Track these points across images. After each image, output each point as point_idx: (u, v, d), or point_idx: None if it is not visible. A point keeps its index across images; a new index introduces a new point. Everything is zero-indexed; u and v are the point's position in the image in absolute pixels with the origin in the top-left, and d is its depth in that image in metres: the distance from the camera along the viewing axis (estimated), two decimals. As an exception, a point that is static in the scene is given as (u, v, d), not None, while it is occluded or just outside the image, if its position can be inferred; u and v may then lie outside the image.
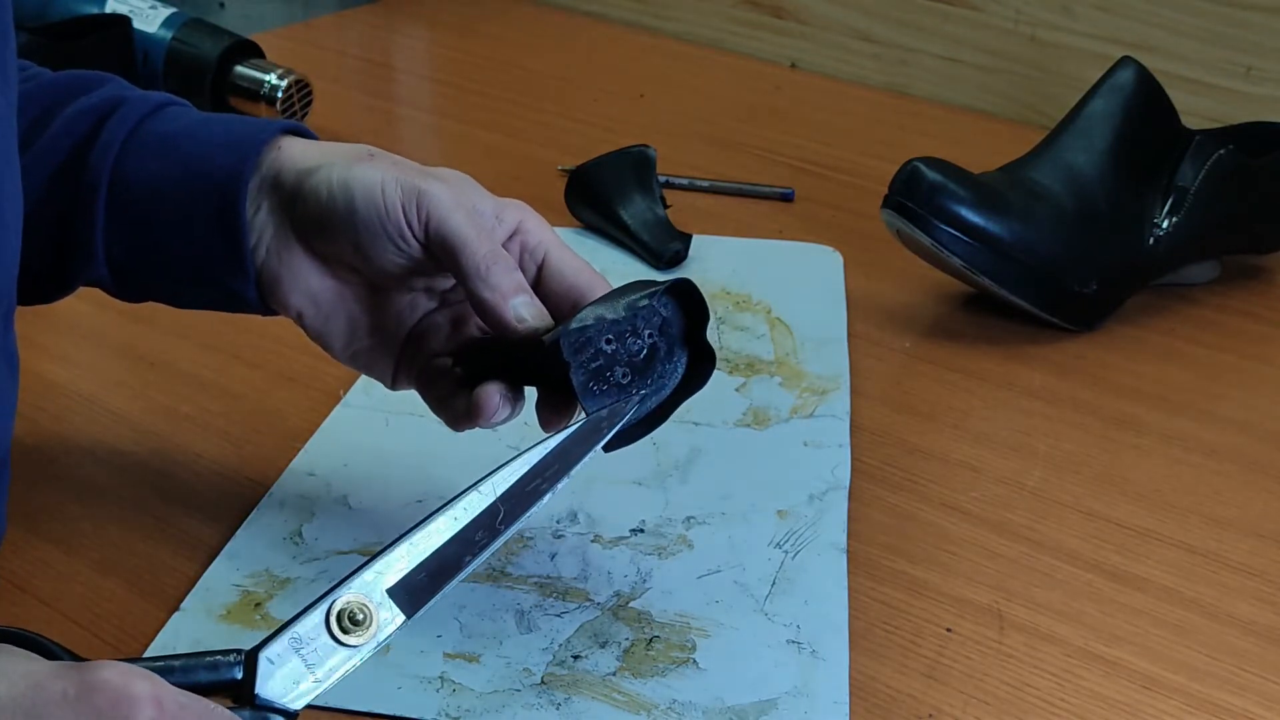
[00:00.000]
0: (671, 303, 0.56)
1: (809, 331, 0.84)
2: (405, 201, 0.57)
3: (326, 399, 0.76)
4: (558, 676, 0.57)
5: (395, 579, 0.49)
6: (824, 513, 0.68)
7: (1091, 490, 0.72)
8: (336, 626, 0.47)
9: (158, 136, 0.62)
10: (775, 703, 0.56)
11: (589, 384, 0.54)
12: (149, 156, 0.61)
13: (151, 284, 0.64)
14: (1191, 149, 0.87)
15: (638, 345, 0.55)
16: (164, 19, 1.12)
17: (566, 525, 0.66)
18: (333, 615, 0.47)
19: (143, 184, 0.61)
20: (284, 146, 0.61)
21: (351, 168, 0.58)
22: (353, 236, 0.58)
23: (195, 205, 0.60)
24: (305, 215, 0.59)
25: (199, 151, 0.61)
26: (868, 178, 1.05)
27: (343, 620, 0.47)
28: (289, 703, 0.46)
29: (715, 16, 1.38)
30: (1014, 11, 1.20)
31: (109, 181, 0.61)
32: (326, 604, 0.47)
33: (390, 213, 0.57)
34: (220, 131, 0.62)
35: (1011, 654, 0.60)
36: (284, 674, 0.46)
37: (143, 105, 0.63)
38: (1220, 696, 0.59)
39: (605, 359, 0.54)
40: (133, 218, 0.61)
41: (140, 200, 0.61)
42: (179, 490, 0.69)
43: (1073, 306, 0.86)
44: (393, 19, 1.45)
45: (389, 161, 0.59)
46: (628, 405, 0.55)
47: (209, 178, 0.60)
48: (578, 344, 0.54)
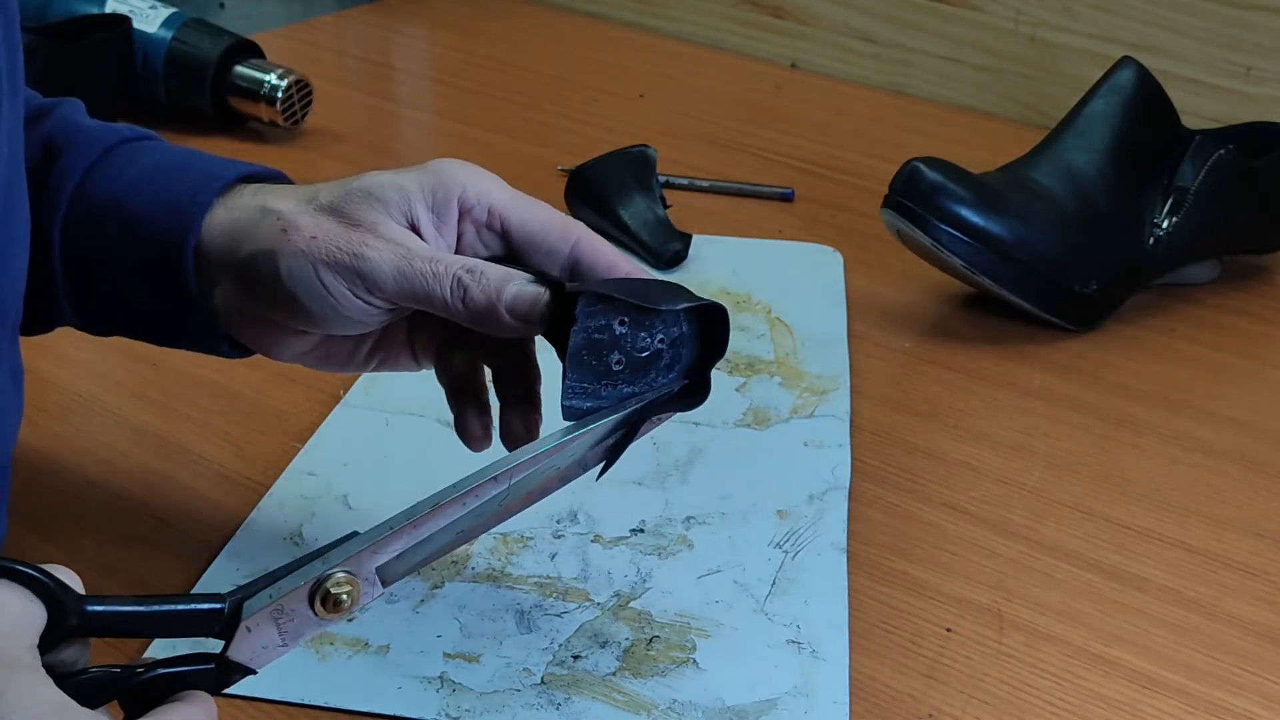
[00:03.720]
0: (698, 323, 0.54)
1: (809, 331, 0.84)
2: (352, 287, 0.53)
3: (326, 399, 0.76)
4: (558, 676, 0.57)
5: (387, 559, 0.48)
6: (824, 513, 0.68)
7: (1091, 490, 0.72)
8: (320, 605, 0.47)
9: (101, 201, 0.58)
10: (775, 703, 0.56)
11: (582, 352, 0.52)
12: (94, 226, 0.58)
13: (128, 335, 0.62)
14: (1191, 149, 0.87)
15: (646, 343, 0.53)
16: (164, 19, 1.12)
17: (566, 525, 0.66)
18: (319, 594, 0.47)
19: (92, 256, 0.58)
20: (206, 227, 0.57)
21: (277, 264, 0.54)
22: (320, 325, 0.55)
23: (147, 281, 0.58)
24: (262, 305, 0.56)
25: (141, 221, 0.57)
26: (868, 178, 1.05)
27: (328, 601, 0.47)
28: (253, 662, 0.47)
29: (715, 16, 1.38)
30: (1014, 11, 1.20)
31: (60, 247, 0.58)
32: (315, 578, 0.47)
33: (343, 302, 0.53)
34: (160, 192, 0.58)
35: (1011, 654, 0.60)
36: (257, 640, 0.46)
37: (87, 152, 0.59)
38: (1220, 696, 0.59)
39: (609, 338, 0.52)
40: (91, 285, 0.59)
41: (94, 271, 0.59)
42: (179, 490, 0.69)
43: (1073, 306, 0.86)
44: (393, 19, 1.45)
45: (305, 236, 0.54)
46: (611, 404, 0.53)
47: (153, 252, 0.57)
48: (593, 309, 0.51)
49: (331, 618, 0.47)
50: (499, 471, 0.50)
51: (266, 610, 0.46)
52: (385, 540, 0.48)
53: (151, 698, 0.45)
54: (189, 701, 0.45)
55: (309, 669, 0.57)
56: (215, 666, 0.46)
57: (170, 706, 0.44)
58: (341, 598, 0.47)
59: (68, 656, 0.44)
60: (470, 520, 0.50)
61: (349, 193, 0.55)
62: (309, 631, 0.47)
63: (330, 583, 0.47)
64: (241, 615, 0.46)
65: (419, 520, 0.48)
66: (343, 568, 0.47)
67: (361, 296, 0.53)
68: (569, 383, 0.52)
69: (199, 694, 0.45)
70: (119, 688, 0.45)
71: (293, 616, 0.47)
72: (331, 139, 1.13)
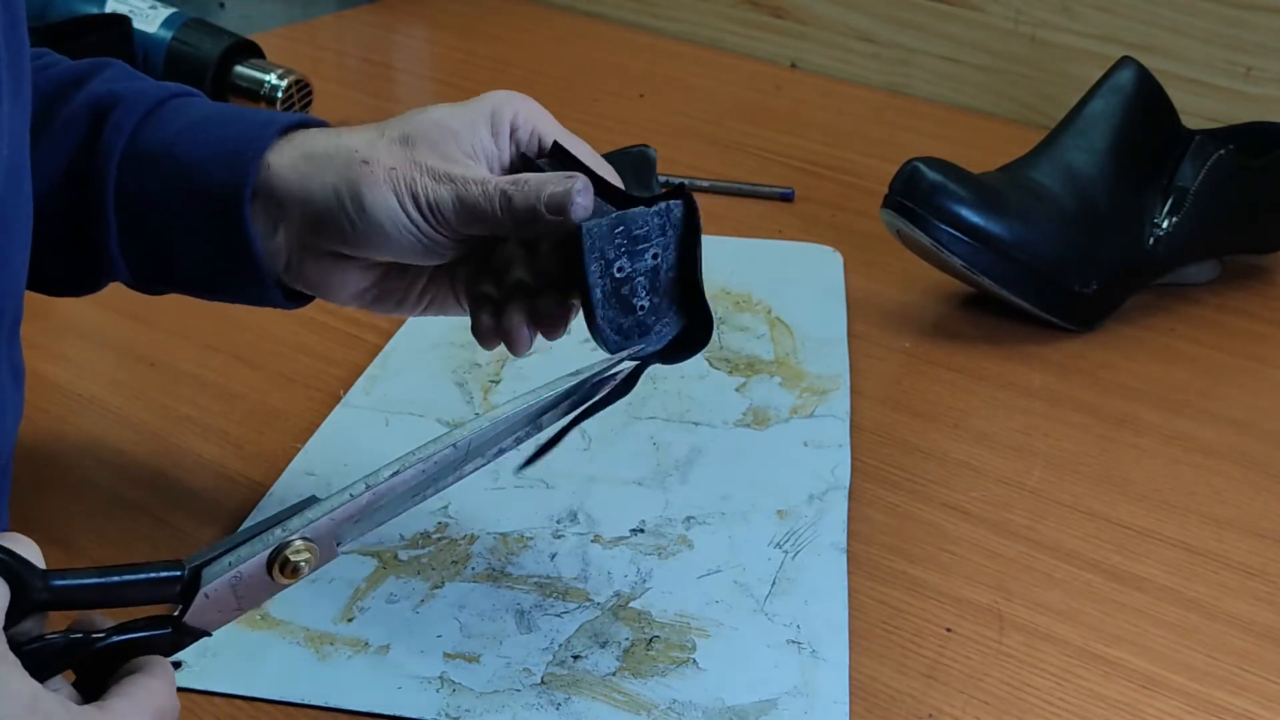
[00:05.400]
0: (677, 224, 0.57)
1: (809, 331, 0.84)
2: (427, 218, 0.57)
3: (326, 399, 0.76)
4: (558, 676, 0.57)
5: (344, 520, 0.49)
6: (824, 513, 0.68)
7: (1091, 490, 0.72)
8: (278, 570, 0.47)
9: (155, 147, 0.60)
10: (775, 703, 0.56)
11: (598, 280, 0.55)
12: (149, 171, 0.60)
13: (175, 289, 0.64)
14: (1191, 149, 0.87)
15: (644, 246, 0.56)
16: (164, 19, 1.12)
17: (566, 525, 0.66)
18: (277, 560, 0.47)
19: (148, 202, 0.60)
20: (273, 164, 0.59)
21: (361, 194, 0.57)
22: (396, 254, 0.58)
23: (203, 227, 0.60)
24: (333, 238, 0.59)
25: (195, 167, 0.60)
26: (868, 178, 1.05)
27: (286, 568, 0.47)
28: (208, 626, 0.47)
29: (715, 16, 1.38)
30: (1014, 11, 1.20)
31: (115, 196, 0.60)
32: (274, 545, 0.47)
33: (424, 233, 0.57)
34: (214, 140, 0.60)
35: (1011, 654, 0.60)
36: (214, 605, 0.46)
37: (138, 105, 0.61)
38: (1220, 696, 0.59)
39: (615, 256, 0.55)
40: (145, 234, 0.61)
41: (149, 219, 0.61)
42: (179, 490, 0.69)
43: (1073, 306, 0.86)
44: (393, 19, 1.45)
45: (385, 167, 0.57)
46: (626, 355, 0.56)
47: (210, 199, 0.59)
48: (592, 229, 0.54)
49: (288, 582, 0.47)
50: (456, 439, 0.50)
51: (226, 578, 0.46)
52: (345, 506, 0.48)
53: (107, 664, 0.45)
54: (148, 670, 0.45)
55: (309, 669, 0.57)
56: (170, 631, 0.46)
57: (132, 679, 0.44)
58: (300, 565, 0.47)
59: (24, 628, 0.44)
60: (427, 484, 0.51)
61: (418, 127, 0.59)
62: (265, 595, 0.48)
63: (290, 550, 0.47)
64: (201, 582, 0.46)
65: (377, 487, 0.49)
66: (301, 534, 0.47)
67: (436, 227, 0.57)
68: (601, 316, 0.55)
69: (156, 659, 0.45)
70: (74, 655, 0.44)
71: (251, 582, 0.47)
72: (331, 139, 1.13)
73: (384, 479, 0.49)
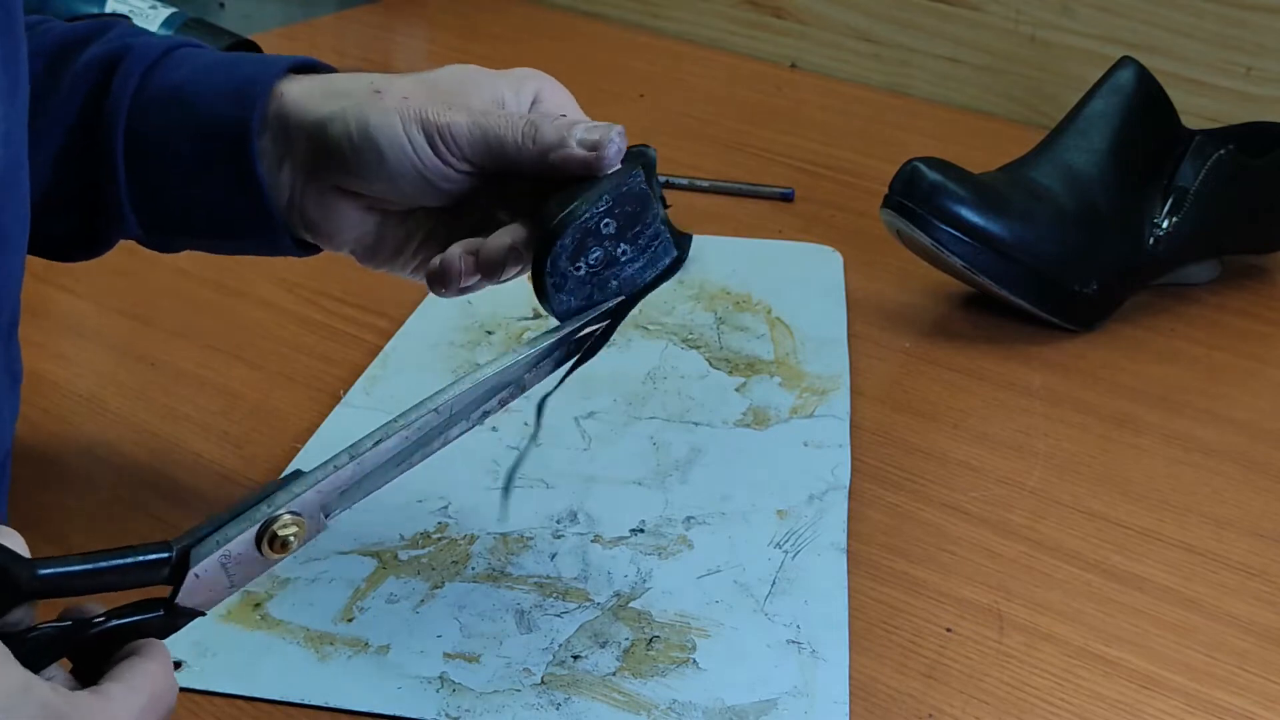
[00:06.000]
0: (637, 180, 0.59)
1: (809, 331, 0.84)
2: (433, 143, 0.57)
3: (326, 399, 0.76)
4: (558, 676, 0.57)
5: (331, 496, 0.49)
6: (824, 513, 0.68)
7: (1091, 490, 0.72)
8: (267, 546, 0.47)
9: (164, 90, 0.60)
10: (775, 703, 0.56)
11: (561, 256, 0.55)
12: (157, 112, 0.60)
13: (185, 240, 0.64)
14: (1191, 149, 0.87)
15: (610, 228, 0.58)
16: (164, 19, 1.12)
17: (566, 525, 0.66)
18: (265, 536, 0.47)
19: (156, 143, 0.60)
20: (285, 93, 0.60)
21: (367, 117, 0.57)
22: (392, 185, 0.58)
23: (210, 165, 0.60)
24: (334, 168, 0.59)
25: (203, 105, 0.60)
26: (868, 178, 1.05)
27: (275, 543, 0.47)
28: (201, 606, 0.47)
29: (715, 16, 1.38)
30: (1014, 11, 1.20)
31: (124, 141, 0.60)
32: (261, 521, 0.47)
33: (425, 160, 0.57)
34: (222, 79, 0.60)
35: (1011, 654, 0.60)
36: (205, 584, 0.46)
37: (147, 54, 0.61)
38: (1220, 696, 0.59)
39: (587, 237, 0.56)
40: (154, 178, 0.61)
41: (157, 160, 0.60)
42: (179, 490, 0.69)
43: (1073, 306, 0.86)
44: (393, 19, 1.45)
45: (398, 96, 0.58)
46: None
47: (218, 135, 0.59)
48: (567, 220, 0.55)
49: (279, 557, 0.47)
50: (438, 404, 0.51)
51: (215, 556, 0.46)
52: (330, 478, 0.48)
53: (102, 650, 0.45)
54: (143, 653, 0.45)
55: (309, 669, 0.57)
56: (164, 613, 0.46)
57: (127, 662, 0.44)
58: (289, 539, 0.47)
59: (14, 618, 0.43)
60: (411, 450, 0.51)
61: (443, 72, 0.60)
62: (257, 572, 0.47)
63: (277, 525, 0.47)
64: (190, 562, 0.46)
65: (362, 456, 0.49)
66: (289, 509, 0.47)
67: (441, 155, 0.57)
68: (552, 282, 0.55)
69: (151, 642, 0.45)
70: (68, 643, 0.44)
71: (240, 560, 0.47)
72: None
73: (367, 448, 0.49)
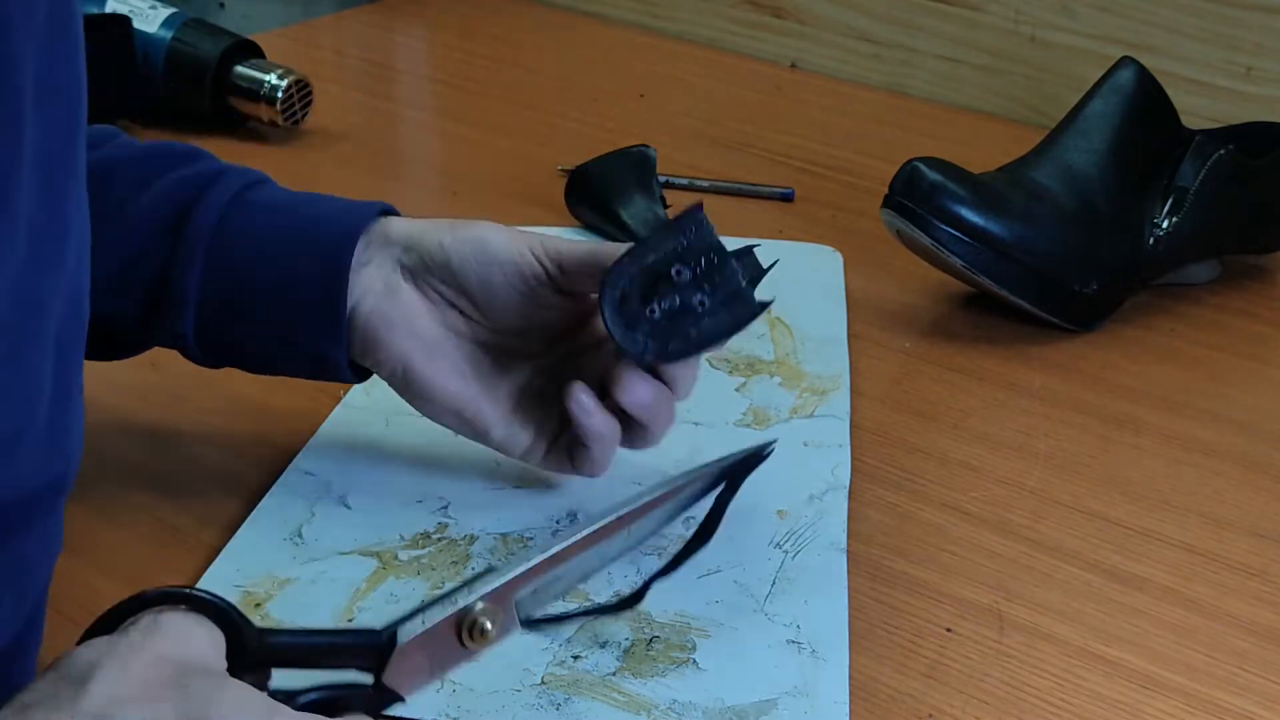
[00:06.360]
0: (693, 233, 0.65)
1: (809, 331, 0.84)
2: (534, 250, 0.63)
3: (326, 399, 0.76)
4: (558, 676, 0.57)
5: (524, 594, 0.50)
6: (824, 513, 0.68)
7: (1091, 490, 0.72)
8: (466, 634, 0.49)
9: (263, 203, 0.65)
10: (775, 703, 0.56)
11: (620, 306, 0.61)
12: (256, 214, 0.64)
13: (237, 342, 0.66)
14: (1191, 149, 0.87)
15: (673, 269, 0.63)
16: (164, 19, 1.12)
17: (566, 525, 0.66)
18: (465, 624, 0.49)
19: (247, 239, 0.64)
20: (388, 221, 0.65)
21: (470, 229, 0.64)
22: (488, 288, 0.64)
23: (299, 262, 0.63)
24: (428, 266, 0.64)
25: (310, 214, 0.65)
26: (868, 178, 1.05)
27: (473, 631, 0.49)
28: (401, 689, 0.48)
29: (715, 16, 1.38)
30: (1014, 11, 1.20)
31: (212, 236, 0.63)
32: (461, 608, 0.49)
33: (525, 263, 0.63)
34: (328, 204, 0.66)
35: (1011, 654, 0.60)
36: (407, 665, 0.48)
37: (243, 177, 0.66)
38: (1220, 696, 0.59)
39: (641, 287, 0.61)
40: (232, 269, 0.64)
41: (242, 255, 0.64)
42: (179, 490, 0.69)
43: (1073, 306, 0.86)
44: (393, 19, 1.45)
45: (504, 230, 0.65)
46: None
47: (317, 239, 0.64)
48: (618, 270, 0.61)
49: (475, 647, 0.49)
50: (622, 513, 0.53)
51: (418, 635, 0.48)
52: (524, 576, 0.50)
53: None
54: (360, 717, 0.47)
55: (309, 669, 0.57)
56: (369, 688, 0.48)
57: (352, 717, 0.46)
58: (486, 626, 0.49)
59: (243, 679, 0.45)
60: (594, 560, 0.53)
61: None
62: (455, 661, 0.49)
63: (476, 612, 0.49)
64: (396, 640, 0.48)
65: (554, 559, 0.51)
66: (485, 599, 0.49)
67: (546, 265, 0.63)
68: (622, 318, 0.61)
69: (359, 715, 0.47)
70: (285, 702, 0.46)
71: (440, 646, 0.49)
72: (331, 139, 1.13)
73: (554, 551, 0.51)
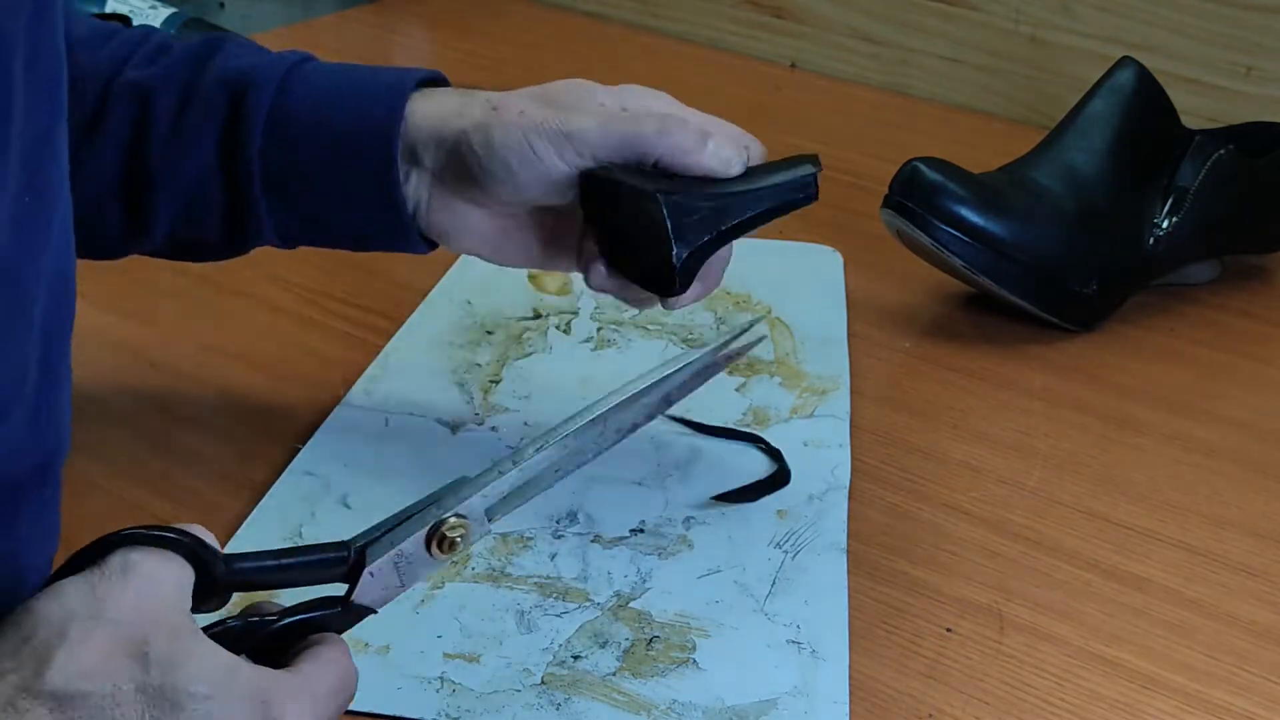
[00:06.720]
0: None
1: (809, 331, 0.84)
2: (559, 150, 0.61)
3: (326, 399, 0.76)
4: (558, 676, 0.57)
5: (494, 500, 0.51)
6: (824, 513, 0.68)
7: (1091, 490, 0.72)
8: (436, 547, 0.49)
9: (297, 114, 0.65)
10: (775, 703, 0.56)
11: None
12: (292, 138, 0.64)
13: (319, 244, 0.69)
14: (1191, 149, 0.87)
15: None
16: (164, 19, 1.12)
17: (566, 525, 0.66)
18: (435, 537, 0.49)
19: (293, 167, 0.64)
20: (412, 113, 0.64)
21: (491, 134, 0.61)
22: (520, 192, 0.62)
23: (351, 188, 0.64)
24: (463, 181, 0.63)
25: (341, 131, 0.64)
26: (868, 178, 1.04)
27: (444, 543, 0.49)
28: (374, 604, 0.49)
29: (715, 16, 1.38)
30: (1014, 11, 1.20)
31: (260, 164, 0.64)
32: (430, 523, 0.49)
33: (551, 166, 0.61)
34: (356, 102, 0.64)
35: (1011, 654, 0.60)
36: (379, 583, 0.49)
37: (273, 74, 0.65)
38: (1220, 696, 0.59)
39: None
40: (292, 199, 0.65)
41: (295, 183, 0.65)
42: (179, 490, 0.69)
43: (1073, 306, 0.86)
44: (393, 19, 1.45)
45: (514, 111, 0.62)
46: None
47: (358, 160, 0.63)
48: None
49: (446, 557, 0.50)
50: (595, 414, 0.53)
51: (389, 556, 0.49)
52: (495, 484, 0.51)
53: (283, 644, 0.47)
54: (327, 643, 0.47)
55: (309, 669, 0.57)
56: (341, 610, 0.49)
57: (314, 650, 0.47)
58: (456, 540, 0.50)
59: (209, 607, 0.46)
60: (568, 459, 0.53)
61: (556, 84, 0.64)
62: (425, 572, 0.50)
63: (445, 526, 0.49)
64: (366, 561, 0.48)
65: (525, 463, 0.51)
66: (455, 511, 0.50)
67: (568, 159, 0.61)
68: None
69: (331, 635, 0.48)
70: (252, 637, 0.47)
71: (411, 559, 0.49)
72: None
73: (529, 455, 0.52)
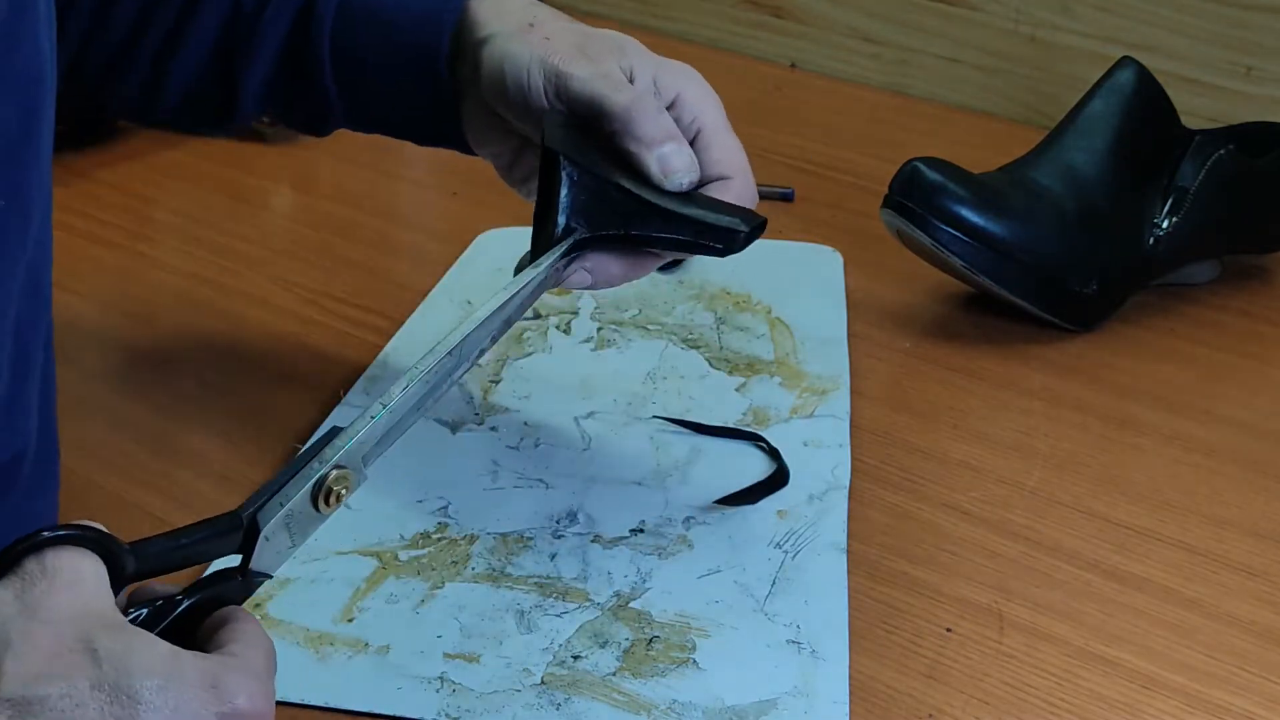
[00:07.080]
0: None
1: (809, 331, 0.84)
2: (547, 86, 0.61)
3: (326, 399, 0.76)
4: (558, 676, 0.57)
5: (369, 446, 0.51)
6: (824, 513, 0.68)
7: (1091, 490, 0.72)
8: (322, 501, 0.50)
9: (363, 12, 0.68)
10: (775, 703, 0.56)
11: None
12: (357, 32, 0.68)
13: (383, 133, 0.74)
14: (1191, 149, 0.87)
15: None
16: (164, 19, 1.12)
17: (566, 525, 0.66)
18: (320, 492, 0.50)
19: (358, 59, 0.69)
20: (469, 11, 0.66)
21: (510, 47, 0.63)
22: (512, 113, 0.64)
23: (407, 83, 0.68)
24: (482, 86, 0.65)
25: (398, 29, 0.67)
26: (868, 178, 1.05)
27: (329, 497, 0.50)
28: (270, 568, 0.50)
29: (715, 16, 1.38)
30: (1014, 11, 1.20)
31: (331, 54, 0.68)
32: (315, 478, 0.49)
33: (534, 99, 0.62)
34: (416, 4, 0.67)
35: (1011, 654, 0.60)
36: (272, 547, 0.49)
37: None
38: (1220, 696, 0.59)
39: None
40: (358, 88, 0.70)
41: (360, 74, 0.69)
42: (179, 490, 0.69)
43: (1073, 306, 0.86)
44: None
45: (541, 36, 0.63)
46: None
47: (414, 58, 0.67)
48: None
49: (331, 510, 0.50)
50: (451, 346, 0.54)
51: (278, 518, 0.49)
52: (368, 429, 0.51)
53: (190, 624, 0.47)
54: (238, 617, 0.48)
55: (309, 669, 0.57)
56: (240, 579, 0.49)
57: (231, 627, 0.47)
58: (341, 491, 0.50)
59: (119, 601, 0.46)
60: (428, 395, 0.54)
61: (605, 31, 0.65)
62: (313, 528, 0.50)
63: (330, 480, 0.50)
64: (259, 527, 0.49)
65: (393, 405, 0.52)
66: (335, 463, 0.50)
67: (550, 96, 0.62)
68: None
69: (236, 608, 0.48)
70: (162, 621, 0.47)
71: (300, 518, 0.50)
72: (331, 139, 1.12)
73: (396, 396, 0.52)
